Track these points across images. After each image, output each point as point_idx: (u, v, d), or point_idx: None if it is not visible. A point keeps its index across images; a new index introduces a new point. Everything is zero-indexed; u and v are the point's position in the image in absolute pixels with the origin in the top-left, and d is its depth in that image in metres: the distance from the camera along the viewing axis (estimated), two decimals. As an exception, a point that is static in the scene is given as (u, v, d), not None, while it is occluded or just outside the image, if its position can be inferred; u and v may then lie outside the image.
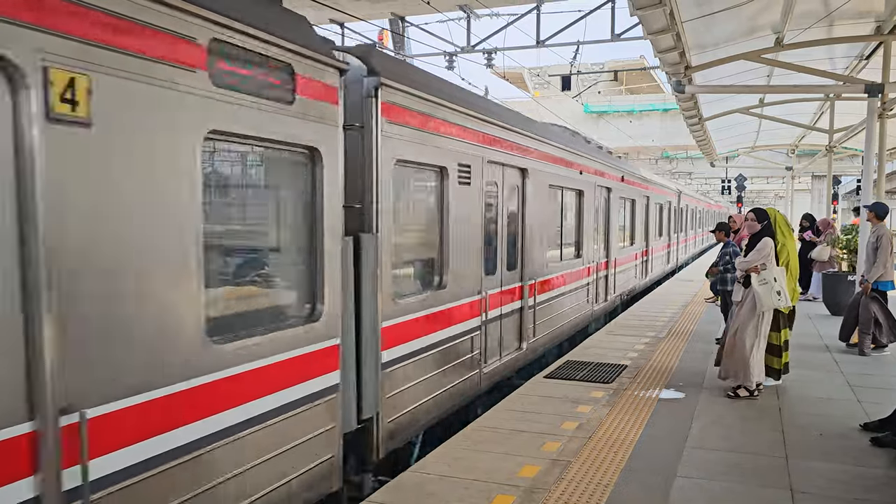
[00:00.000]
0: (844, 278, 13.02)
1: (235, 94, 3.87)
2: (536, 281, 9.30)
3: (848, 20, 11.13)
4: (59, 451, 2.98)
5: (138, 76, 3.25)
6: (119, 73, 3.15)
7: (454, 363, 6.93)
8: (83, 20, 3.00)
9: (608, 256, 13.85)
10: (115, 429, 3.23)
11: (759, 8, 10.09)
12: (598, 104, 40.69)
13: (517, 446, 5.82)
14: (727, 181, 39.00)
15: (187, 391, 3.60)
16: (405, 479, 5.14)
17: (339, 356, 4.92)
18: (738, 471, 5.33)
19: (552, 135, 10.24)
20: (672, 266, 24.74)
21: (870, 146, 11.64)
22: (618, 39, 16.54)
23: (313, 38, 4.64)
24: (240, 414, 3.99)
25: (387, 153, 5.52)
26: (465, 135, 6.97)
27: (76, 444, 3.05)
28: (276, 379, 4.29)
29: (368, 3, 16.64)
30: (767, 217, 7.58)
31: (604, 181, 13.17)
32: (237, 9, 3.88)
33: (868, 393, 7.57)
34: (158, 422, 3.45)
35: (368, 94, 5.35)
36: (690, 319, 12.74)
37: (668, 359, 9.27)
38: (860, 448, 5.86)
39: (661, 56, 10.65)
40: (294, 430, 4.47)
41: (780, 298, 7.25)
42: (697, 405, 7.09)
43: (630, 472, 5.26)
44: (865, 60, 13.22)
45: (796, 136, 24.83)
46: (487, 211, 7.69)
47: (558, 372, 8.47)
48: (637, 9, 8.39)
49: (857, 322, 9.74)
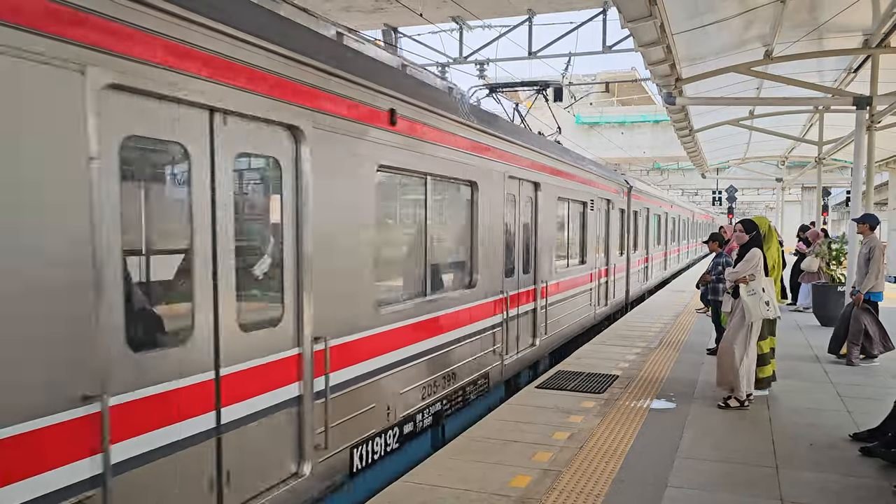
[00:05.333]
0: (834, 289, 13.09)
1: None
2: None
3: (836, 34, 11.25)
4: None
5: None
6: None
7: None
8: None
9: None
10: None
11: (749, 21, 10.19)
12: (590, 115, 40.84)
13: (509, 456, 5.82)
14: (718, 192, 39.21)
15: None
16: (396, 489, 5.14)
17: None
18: (729, 481, 5.35)
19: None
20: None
21: (858, 158, 11.74)
22: (609, 51, 16.64)
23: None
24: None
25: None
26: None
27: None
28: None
29: (362, 14, 16.70)
30: (756, 228, 7.63)
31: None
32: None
33: (858, 403, 7.60)
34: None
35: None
36: (682, 330, 12.77)
37: (660, 369, 9.29)
38: (850, 458, 5.88)
39: (652, 68, 10.73)
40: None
41: (769, 309, 7.29)
42: (688, 415, 7.11)
43: (621, 483, 5.26)
44: (854, 73, 13.35)
45: (786, 147, 25.02)
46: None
47: (550, 382, 8.48)
48: (628, 21, 8.46)
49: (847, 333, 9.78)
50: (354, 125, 5.17)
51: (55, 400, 3.00)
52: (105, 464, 3.19)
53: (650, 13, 8.17)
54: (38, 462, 2.94)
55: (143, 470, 3.46)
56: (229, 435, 4.03)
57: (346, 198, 5.10)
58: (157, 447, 3.53)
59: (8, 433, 2.82)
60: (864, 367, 9.53)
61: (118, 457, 3.29)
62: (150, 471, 3.49)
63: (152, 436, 3.51)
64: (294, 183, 4.56)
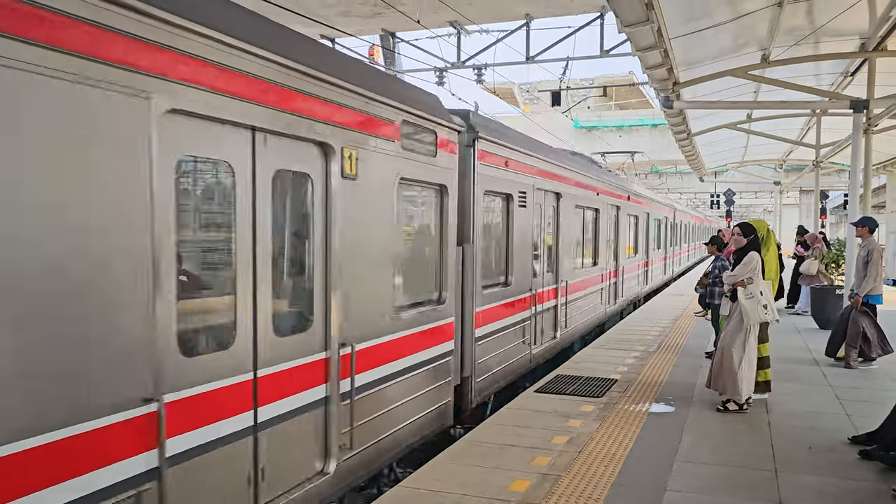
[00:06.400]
0: (833, 292, 13.10)
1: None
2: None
3: (833, 37, 11.28)
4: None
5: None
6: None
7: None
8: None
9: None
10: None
11: (746, 25, 10.22)
12: (588, 119, 40.88)
13: (507, 460, 5.82)
14: (716, 196, 39.27)
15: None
16: (397, 493, 5.13)
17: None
18: (728, 484, 5.35)
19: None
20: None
21: (856, 161, 11.77)
22: (607, 56, 16.71)
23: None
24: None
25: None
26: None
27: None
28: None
29: (360, 20, 16.73)
30: (754, 231, 7.64)
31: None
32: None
33: (856, 406, 7.61)
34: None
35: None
36: (680, 333, 12.78)
37: (658, 373, 9.30)
38: (849, 461, 5.89)
39: (650, 72, 10.75)
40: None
41: (767, 312, 7.30)
42: (687, 419, 7.11)
43: (620, 487, 5.26)
44: (850, 77, 13.39)
45: (784, 151, 25.07)
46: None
47: (549, 386, 8.48)
48: (625, 26, 8.48)
49: (846, 336, 9.78)
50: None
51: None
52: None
53: (647, 18, 8.19)
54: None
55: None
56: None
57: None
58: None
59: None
60: (863, 371, 9.54)
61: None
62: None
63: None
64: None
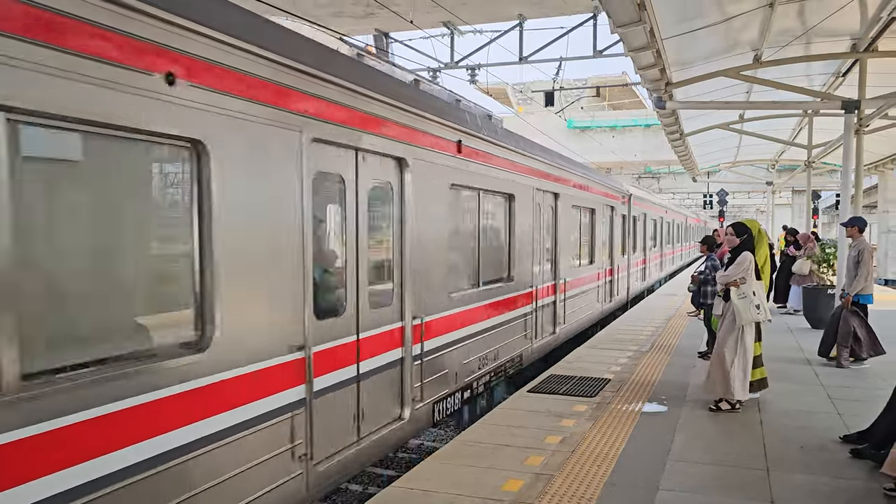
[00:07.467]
0: (825, 292, 13.14)
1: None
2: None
3: (824, 38, 11.32)
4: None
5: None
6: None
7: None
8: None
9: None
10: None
11: (738, 26, 10.25)
12: (582, 120, 40.95)
13: (501, 460, 5.83)
14: (709, 196, 39.36)
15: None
16: (389, 494, 5.13)
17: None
18: (721, 483, 5.37)
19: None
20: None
21: (847, 161, 11.81)
22: (600, 56, 16.75)
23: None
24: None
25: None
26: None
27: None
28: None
29: (352, 20, 16.71)
30: (747, 231, 7.66)
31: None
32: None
33: (848, 405, 7.64)
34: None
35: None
36: (673, 333, 12.81)
37: (651, 372, 9.32)
38: (840, 460, 5.91)
39: (642, 73, 10.77)
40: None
41: (760, 312, 7.32)
42: (680, 418, 7.13)
43: (613, 486, 5.27)
44: (842, 77, 13.44)
45: (776, 151, 25.15)
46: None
47: (542, 386, 8.49)
48: (618, 26, 8.49)
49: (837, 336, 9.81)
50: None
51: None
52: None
53: (640, 18, 8.20)
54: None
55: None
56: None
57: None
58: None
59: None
60: (854, 370, 9.57)
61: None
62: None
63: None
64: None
